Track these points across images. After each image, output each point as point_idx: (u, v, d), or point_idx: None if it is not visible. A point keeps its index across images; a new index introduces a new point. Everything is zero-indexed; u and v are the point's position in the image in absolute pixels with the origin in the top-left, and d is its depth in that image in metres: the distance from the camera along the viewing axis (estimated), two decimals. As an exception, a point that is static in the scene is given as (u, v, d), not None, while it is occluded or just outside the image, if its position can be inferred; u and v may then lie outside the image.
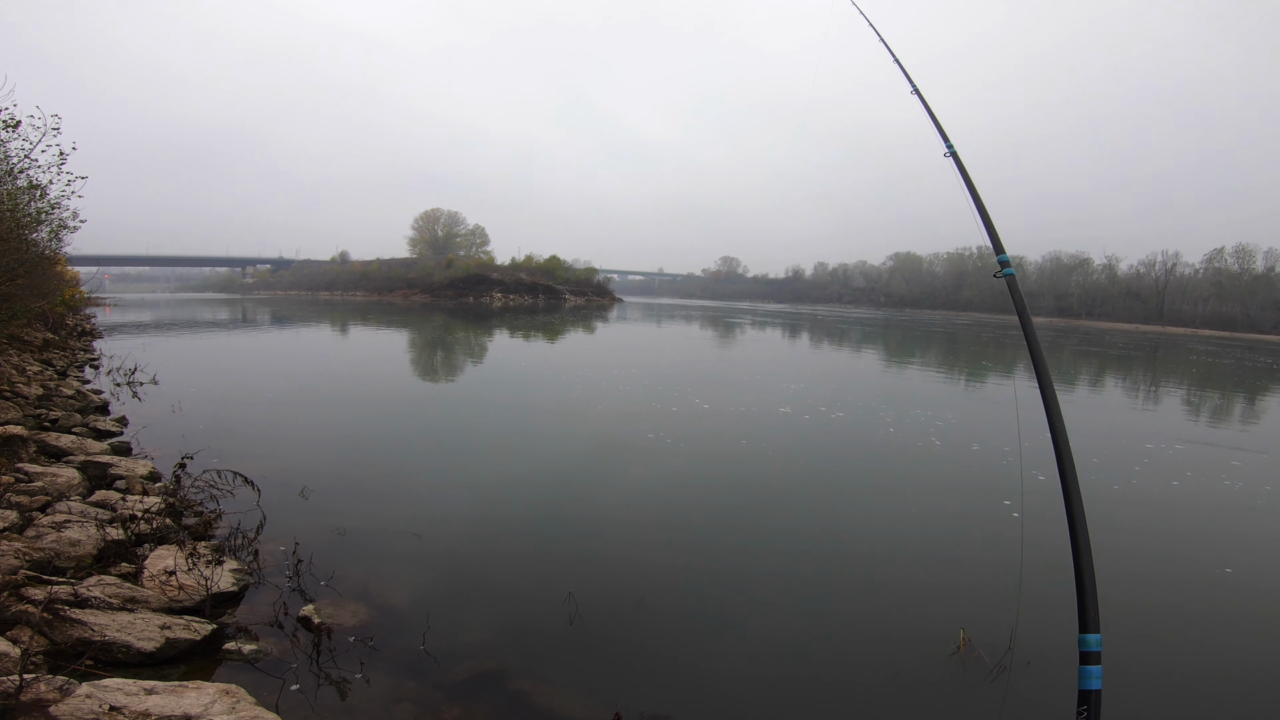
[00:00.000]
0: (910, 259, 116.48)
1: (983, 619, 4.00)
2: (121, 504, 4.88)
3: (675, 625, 4.01)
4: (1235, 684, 3.66)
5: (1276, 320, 72.47)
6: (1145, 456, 8.63)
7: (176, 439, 7.48)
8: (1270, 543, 5.95)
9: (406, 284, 78.69)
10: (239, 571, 4.08)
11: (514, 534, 5.41)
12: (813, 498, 6.71)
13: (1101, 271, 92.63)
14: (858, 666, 3.67)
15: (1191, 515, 6.54)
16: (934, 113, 3.10)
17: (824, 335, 34.14)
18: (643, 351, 21.89)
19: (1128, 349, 34.69)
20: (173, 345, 20.07)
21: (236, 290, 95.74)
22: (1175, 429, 11.70)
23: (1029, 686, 3.41)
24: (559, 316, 44.51)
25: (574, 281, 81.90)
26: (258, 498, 5.24)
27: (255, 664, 3.26)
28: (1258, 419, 14.02)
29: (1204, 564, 5.30)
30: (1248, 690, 3.61)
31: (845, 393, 13.61)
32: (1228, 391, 18.48)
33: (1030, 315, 2.29)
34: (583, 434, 8.99)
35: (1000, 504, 6.45)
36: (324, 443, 8.14)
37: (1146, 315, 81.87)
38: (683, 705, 3.24)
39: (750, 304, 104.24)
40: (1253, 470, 8.23)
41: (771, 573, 4.78)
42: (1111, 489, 6.99)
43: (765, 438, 9.04)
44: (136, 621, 3.05)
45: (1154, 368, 25.00)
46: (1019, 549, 5.24)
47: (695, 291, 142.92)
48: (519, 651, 3.62)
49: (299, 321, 33.30)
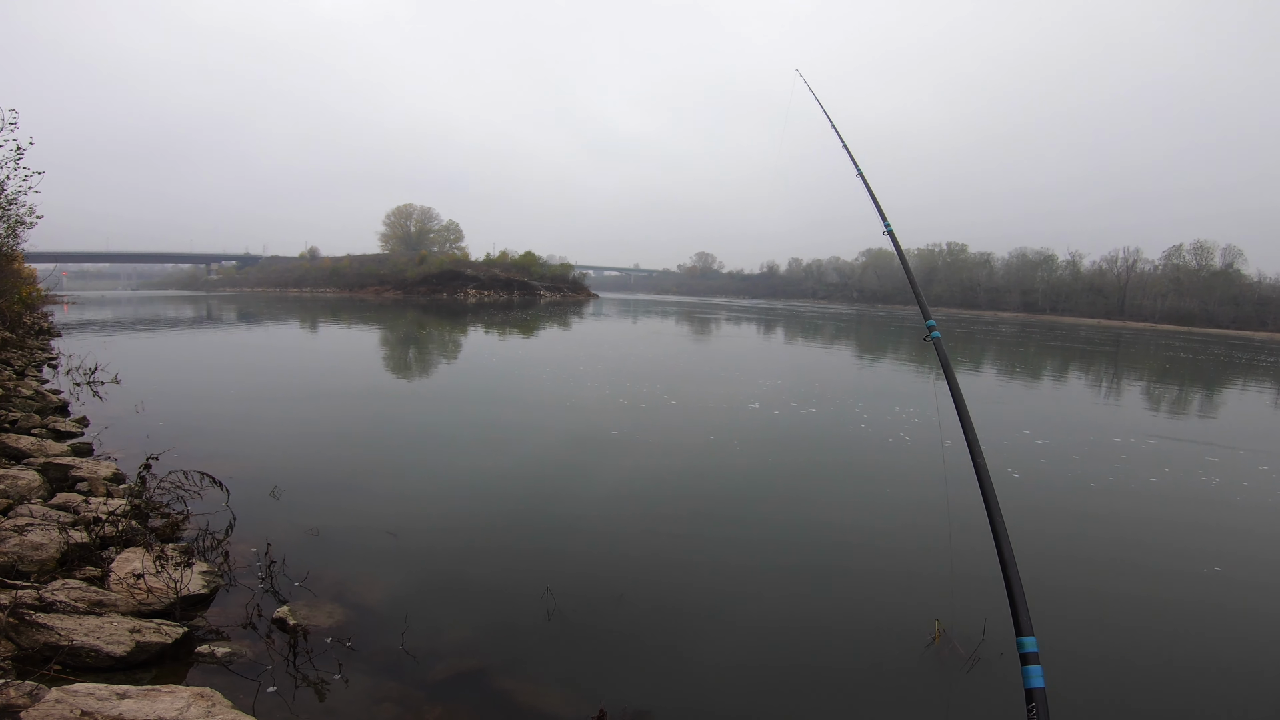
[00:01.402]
0: (882, 255, 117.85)
1: (956, 611, 4.07)
2: (84, 506, 4.73)
3: (655, 619, 4.02)
4: (1236, 681, 3.69)
5: (1233, 315, 75.06)
6: (1123, 452, 8.85)
7: (140, 439, 7.27)
8: (1257, 537, 6.03)
9: (378, 280, 77.46)
10: (209, 574, 3.98)
11: (490, 532, 5.37)
12: (788, 493, 6.77)
13: (1065, 268, 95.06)
14: (836, 658, 3.70)
15: (1175, 509, 6.63)
16: (875, 195, 3.53)
17: (803, 332, 34.45)
18: (616, 347, 21.87)
19: (1100, 343, 35.64)
20: (134, 343, 19.49)
21: (201, 287, 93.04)
22: (1149, 424, 12.05)
23: (1002, 677, 3.46)
24: (534, 313, 44.24)
25: (549, 278, 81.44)
26: (226, 498, 5.11)
27: (229, 667, 3.18)
28: (1229, 412, 14.51)
29: (1195, 560, 5.32)
30: (1254, 690, 3.62)
31: (823, 388, 13.76)
32: (1214, 387, 19.04)
33: (954, 372, 2.59)
34: (558, 430, 8.95)
35: (972, 498, 6.58)
36: (295, 442, 7.98)
37: (1108, 310, 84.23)
38: (665, 698, 3.25)
39: (727, 299, 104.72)
40: (1229, 466, 8.45)
41: (748, 567, 4.82)
42: (1089, 486, 7.11)
43: (739, 434, 9.10)
44: (104, 625, 2.96)
45: (1139, 364, 25.70)
46: (986, 542, 5.38)
47: (671, 287, 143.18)
48: (500, 649, 3.60)
49: (267, 319, 32.58)
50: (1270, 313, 73.85)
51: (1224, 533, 6.02)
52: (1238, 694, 3.56)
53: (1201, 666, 3.81)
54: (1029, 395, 14.84)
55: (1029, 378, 18.38)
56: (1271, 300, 75.72)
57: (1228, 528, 6.18)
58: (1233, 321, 74.38)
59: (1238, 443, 10.02)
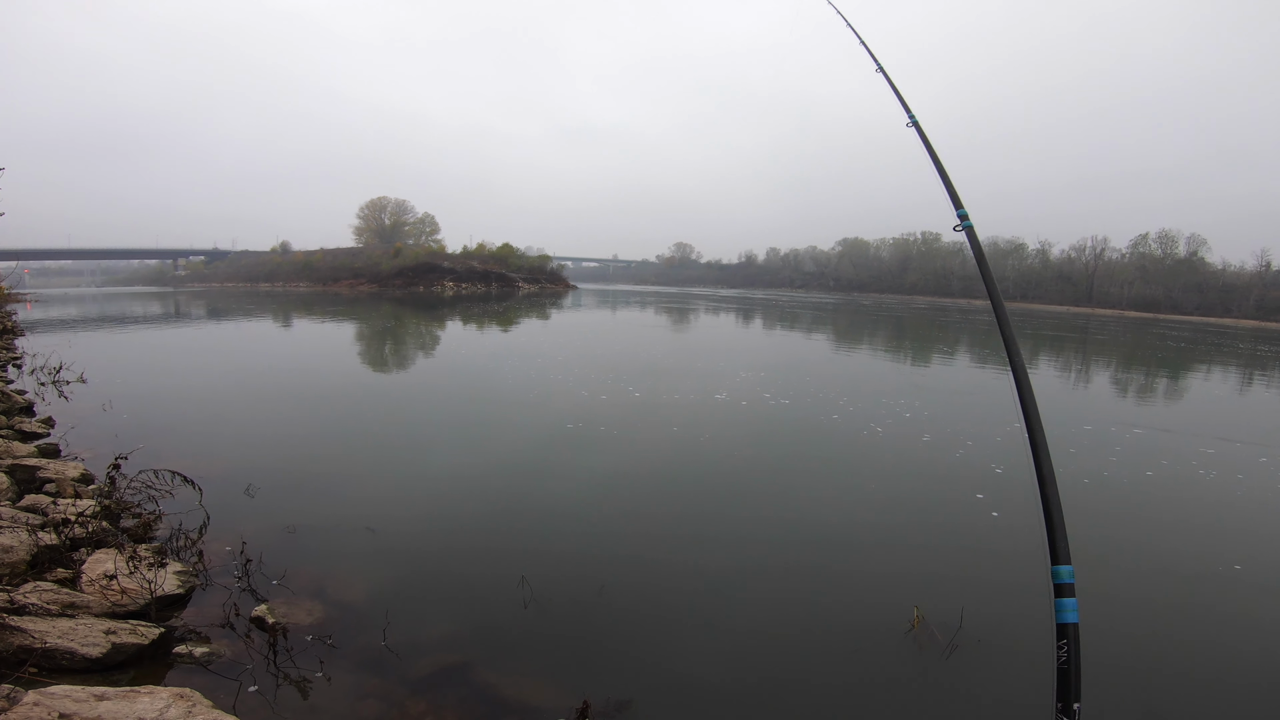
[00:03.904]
0: (858, 244, 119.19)
1: (934, 597, 4.16)
2: (53, 508, 4.62)
3: (637, 610, 4.05)
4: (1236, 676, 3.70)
5: (1198, 302, 77.04)
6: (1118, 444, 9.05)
7: (109, 439, 7.12)
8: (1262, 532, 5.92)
9: (353, 274, 76.16)
10: (184, 574, 3.93)
11: (471, 526, 5.36)
12: (767, 484, 6.84)
13: (1035, 256, 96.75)
14: (817, 645, 3.75)
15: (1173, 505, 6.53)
16: (897, 87, 3.28)
17: (784, 321, 34.65)
18: (595, 339, 21.83)
19: (1100, 331, 36.41)
20: (100, 341, 19.00)
21: (168, 283, 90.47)
22: (1126, 413, 12.37)
23: (980, 662, 3.55)
24: (512, 304, 43.92)
25: (527, 269, 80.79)
26: (200, 497, 5.03)
27: (208, 666, 3.15)
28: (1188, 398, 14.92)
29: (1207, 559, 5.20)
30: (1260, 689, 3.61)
31: (817, 384, 13.89)
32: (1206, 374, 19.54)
33: (989, 267, 2.41)
34: (538, 424, 8.92)
35: (947, 489, 6.73)
36: (268, 439, 7.86)
37: (1077, 298, 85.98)
38: (648, 688, 3.28)
39: (709, 289, 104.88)
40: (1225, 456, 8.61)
41: (727, 556, 4.87)
42: (1082, 483, 6.86)
43: (721, 426, 9.16)
44: (78, 627, 2.91)
45: (1126, 352, 26.27)
46: (966, 532, 5.50)
47: (649, 278, 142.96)
48: (483, 643, 3.60)
49: (237, 314, 31.93)
50: (1234, 299, 75.92)
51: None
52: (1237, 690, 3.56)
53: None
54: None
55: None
56: (1235, 287, 77.81)
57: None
58: (1197, 308, 76.33)
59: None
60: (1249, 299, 74.63)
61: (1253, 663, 3.76)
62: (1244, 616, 4.29)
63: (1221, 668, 3.70)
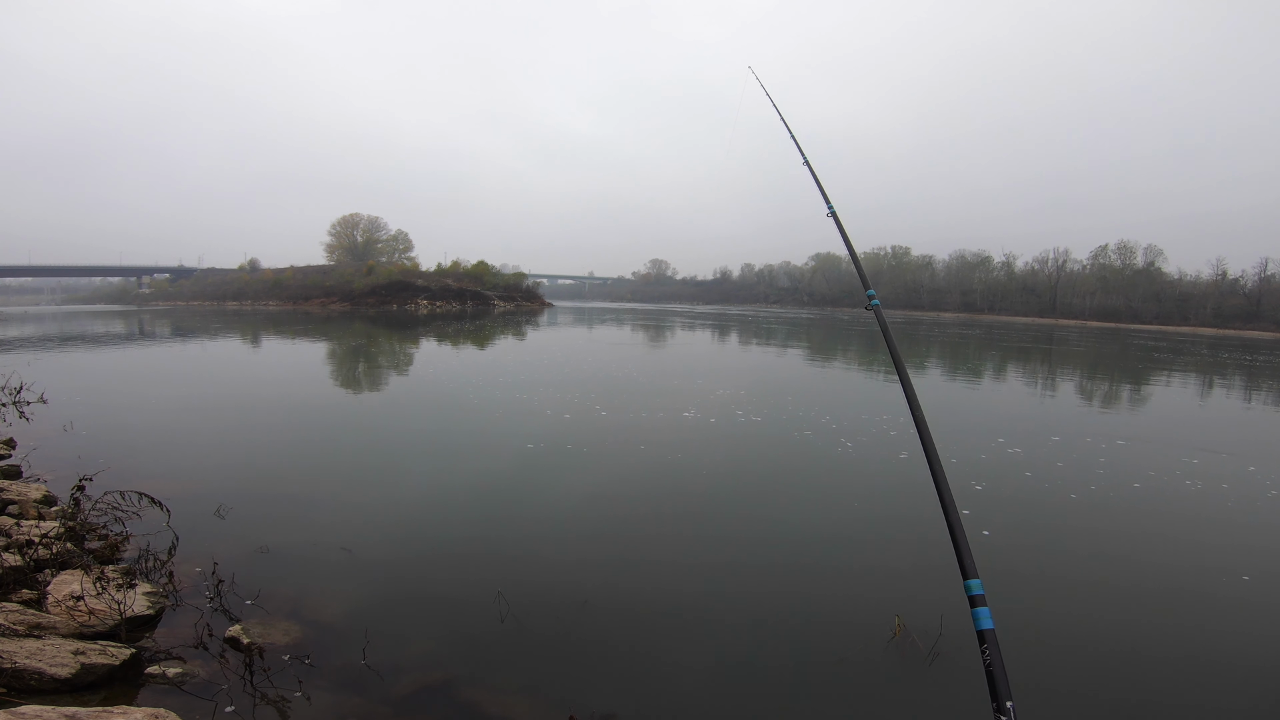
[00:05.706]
0: (830, 259, 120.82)
1: (914, 606, 4.19)
2: (16, 530, 4.46)
3: (619, 624, 4.03)
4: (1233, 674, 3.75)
5: (1156, 311, 79.61)
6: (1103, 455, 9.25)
7: (71, 460, 6.92)
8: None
9: (324, 292, 75.05)
10: (153, 594, 3.82)
11: (448, 543, 5.29)
12: (752, 498, 6.88)
13: (1001, 268, 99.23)
14: (800, 656, 3.75)
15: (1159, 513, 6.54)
16: (819, 179, 3.64)
17: (759, 338, 34.93)
18: (570, 356, 21.79)
19: (1077, 342, 37.29)
20: (61, 361, 18.43)
21: (132, 302, 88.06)
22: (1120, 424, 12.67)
23: (962, 668, 3.57)
24: (487, 322, 43.66)
25: (503, 287, 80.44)
26: (168, 518, 4.87)
27: (182, 687, 3.06)
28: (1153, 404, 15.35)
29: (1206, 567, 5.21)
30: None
31: (794, 397, 14.01)
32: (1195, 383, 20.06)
33: (894, 339, 2.61)
34: (512, 441, 8.85)
35: (920, 499, 6.81)
36: (238, 460, 7.68)
37: (1041, 309, 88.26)
38: (631, 701, 3.26)
39: (685, 305, 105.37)
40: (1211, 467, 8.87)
41: (709, 570, 4.87)
42: (1069, 498, 6.73)
43: (698, 443, 9.20)
44: (46, 648, 2.80)
45: (1130, 367, 26.92)
46: (945, 544, 5.53)
47: (625, 294, 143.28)
48: (465, 660, 3.55)
49: (204, 333, 31.22)
50: (1191, 308, 78.60)
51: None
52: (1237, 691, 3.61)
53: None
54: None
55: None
56: (1192, 296, 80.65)
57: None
58: (1155, 317, 78.83)
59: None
60: (1206, 307, 77.38)
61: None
62: (1248, 629, 4.26)
63: (1243, 681, 3.78)
